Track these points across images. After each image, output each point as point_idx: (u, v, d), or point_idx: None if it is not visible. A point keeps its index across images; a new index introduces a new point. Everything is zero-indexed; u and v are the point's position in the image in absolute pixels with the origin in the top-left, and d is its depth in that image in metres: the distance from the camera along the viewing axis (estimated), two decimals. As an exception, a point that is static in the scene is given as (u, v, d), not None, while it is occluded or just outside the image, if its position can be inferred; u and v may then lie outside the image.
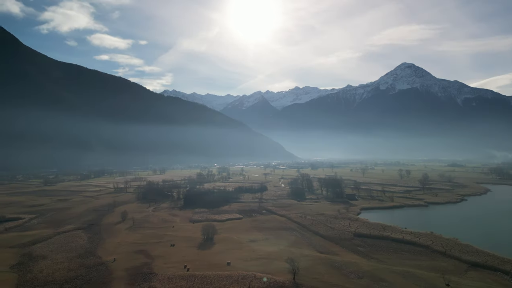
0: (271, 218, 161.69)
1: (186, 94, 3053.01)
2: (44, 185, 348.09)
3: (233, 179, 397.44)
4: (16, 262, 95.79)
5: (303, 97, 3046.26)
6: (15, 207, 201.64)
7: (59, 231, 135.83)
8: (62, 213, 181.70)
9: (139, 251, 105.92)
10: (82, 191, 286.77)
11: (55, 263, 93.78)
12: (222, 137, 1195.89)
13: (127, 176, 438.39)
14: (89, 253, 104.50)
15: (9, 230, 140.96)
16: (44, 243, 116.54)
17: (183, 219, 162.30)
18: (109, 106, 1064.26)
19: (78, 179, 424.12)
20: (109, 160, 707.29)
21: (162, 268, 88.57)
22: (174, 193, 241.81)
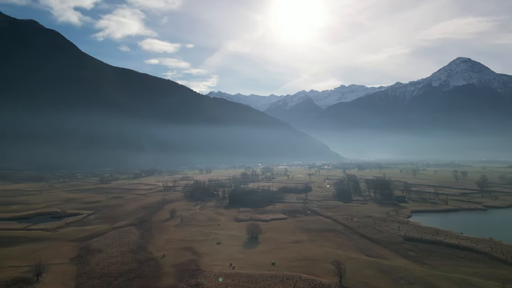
0: (316, 219, 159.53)
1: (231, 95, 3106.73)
2: (100, 183, 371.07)
3: (277, 179, 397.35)
4: (75, 255, 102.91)
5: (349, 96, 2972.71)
6: (75, 203, 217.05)
7: (114, 226, 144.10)
8: (116, 209, 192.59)
9: (187, 248, 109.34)
10: (134, 189, 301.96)
11: (110, 256, 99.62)
12: (266, 137, 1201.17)
13: (175, 175, 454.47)
14: (140, 248, 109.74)
15: (69, 225, 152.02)
16: (100, 238, 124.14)
17: (228, 217, 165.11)
18: (159, 108, 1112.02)
19: (131, 178, 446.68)
20: (159, 160, 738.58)
21: (209, 265, 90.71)
22: (219, 192, 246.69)
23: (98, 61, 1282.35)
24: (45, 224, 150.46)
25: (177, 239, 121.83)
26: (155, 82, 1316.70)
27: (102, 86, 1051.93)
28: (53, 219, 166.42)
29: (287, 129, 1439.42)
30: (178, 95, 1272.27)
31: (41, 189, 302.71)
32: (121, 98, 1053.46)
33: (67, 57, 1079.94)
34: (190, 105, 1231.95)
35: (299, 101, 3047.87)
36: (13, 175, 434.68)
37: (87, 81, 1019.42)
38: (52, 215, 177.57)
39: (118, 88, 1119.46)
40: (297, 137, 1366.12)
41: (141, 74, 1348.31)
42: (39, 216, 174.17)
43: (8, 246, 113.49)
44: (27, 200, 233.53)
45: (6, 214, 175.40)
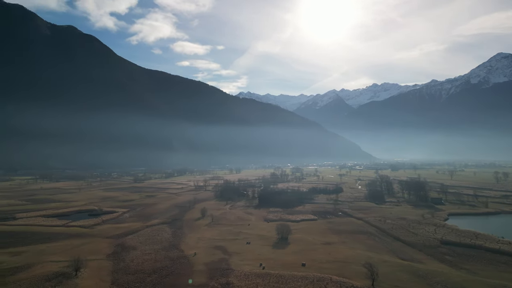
0: (347, 220, 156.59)
1: (260, 96, 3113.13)
2: (134, 182, 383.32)
3: (307, 179, 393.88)
4: (111, 252, 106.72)
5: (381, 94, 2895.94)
6: (111, 202, 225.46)
7: (147, 224, 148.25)
8: (150, 208, 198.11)
9: (217, 247, 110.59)
10: (166, 188, 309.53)
11: (144, 254, 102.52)
12: (295, 137, 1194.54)
13: (206, 175, 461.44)
14: (173, 246, 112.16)
15: (106, 222, 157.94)
16: (134, 235, 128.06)
17: (258, 217, 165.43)
18: (190, 109, 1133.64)
19: (163, 177, 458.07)
20: (190, 160, 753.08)
21: (239, 264, 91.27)
22: (249, 192, 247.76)
23: (132, 64, 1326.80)
24: (84, 221, 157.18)
25: (208, 237, 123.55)
26: (186, 84, 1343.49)
27: (136, 89, 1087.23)
28: (91, 216, 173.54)
29: (317, 129, 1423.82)
30: (209, 96, 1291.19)
31: (80, 188, 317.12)
32: (154, 99, 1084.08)
33: (103, 61, 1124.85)
34: (220, 106, 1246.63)
35: (329, 101, 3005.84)
36: (55, 174, 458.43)
37: (122, 84, 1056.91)
38: (90, 212, 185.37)
39: (151, 90, 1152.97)
40: (327, 137, 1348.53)
41: (173, 76, 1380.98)
42: (78, 214, 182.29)
43: (49, 242, 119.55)
44: (67, 198, 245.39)
45: (47, 211, 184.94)
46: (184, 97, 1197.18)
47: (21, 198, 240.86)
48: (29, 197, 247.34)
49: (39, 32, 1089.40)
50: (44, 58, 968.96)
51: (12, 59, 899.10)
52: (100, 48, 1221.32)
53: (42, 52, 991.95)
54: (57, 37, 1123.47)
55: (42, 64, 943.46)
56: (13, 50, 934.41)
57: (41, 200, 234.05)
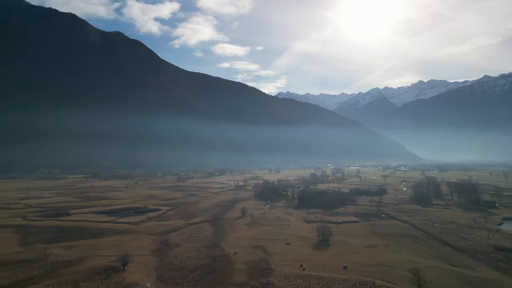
0: (391, 223, 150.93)
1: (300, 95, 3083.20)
2: (177, 181, 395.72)
3: (348, 180, 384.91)
4: (156, 248, 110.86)
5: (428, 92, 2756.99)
6: (155, 200, 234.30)
7: (189, 222, 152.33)
8: (192, 206, 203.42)
9: (257, 246, 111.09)
10: (207, 188, 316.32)
11: (187, 251, 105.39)
12: (336, 137, 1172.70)
13: (246, 175, 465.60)
14: (214, 244, 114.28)
15: (151, 220, 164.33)
16: (177, 233, 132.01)
17: (298, 218, 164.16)
18: (230, 109, 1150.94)
19: (205, 177, 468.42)
20: (230, 160, 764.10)
21: (279, 265, 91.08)
22: (288, 192, 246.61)
23: (175, 67, 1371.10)
24: (130, 218, 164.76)
25: (248, 237, 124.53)
26: (226, 85, 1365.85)
27: (179, 91, 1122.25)
28: (137, 213, 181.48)
29: (359, 129, 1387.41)
30: (248, 97, 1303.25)
31: (127, 186, 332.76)
32: (196, 101, 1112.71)
33: (148, 65, 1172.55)
34: (260, 107, 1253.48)
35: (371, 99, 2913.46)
36: (105, 173, 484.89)
37: (166, 87, 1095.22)
38: (136, 210, 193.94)
39: (193, 92, 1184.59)
40: (369, 137, 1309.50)
41: (214, 78, 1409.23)
42: (125, 211, 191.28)
43: (99, 237, 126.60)
44: (115, 195, 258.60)
45: (98, 208, 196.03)
46: (225, 98, 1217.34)
47: (74, 195, 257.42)
48: (82, 195, 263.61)
49: (90, 39, 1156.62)
50: (94, 64, 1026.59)
51: (65, 66, 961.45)
52: (146, 52, 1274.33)
53: (92, 58, 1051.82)
54: (106, 43, 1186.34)
55: (92, 70, 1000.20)
56: (66, 57, 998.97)
57: (92, 197, 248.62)
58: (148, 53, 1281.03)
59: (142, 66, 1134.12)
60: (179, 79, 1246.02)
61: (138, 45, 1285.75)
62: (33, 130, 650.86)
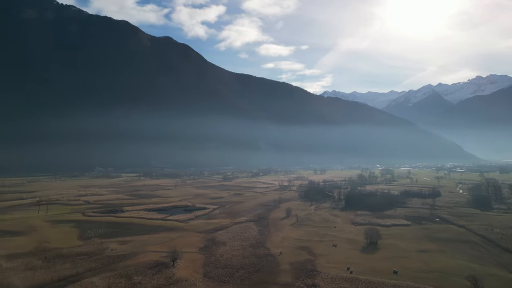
0: (445, 227, 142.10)
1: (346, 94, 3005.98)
2: (223, 180, 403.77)
3: (398, 182, 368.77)
4: (203, 245, 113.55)
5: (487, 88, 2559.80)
6: (202, 198, 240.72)
7: (235, 221, 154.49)
8: (237, 205, 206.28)
9: (303, 247, 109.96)
10: (252, 187, 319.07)
11: (233, 249, 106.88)
12: (385, 136, 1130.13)
13: (290, 175, 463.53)
14: (259, 244, 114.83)
15: (198, 218, 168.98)
16: (224, 231, 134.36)
17: (345, 220, 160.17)
18: (274, 109, 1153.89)
19: (249, 176, 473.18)
20: (274, 159, 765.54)
21: (325, 267, 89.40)
22: (334, 193, 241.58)
23: (221, 69, 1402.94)
24: (179, 216, 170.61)
25: (293, 237, 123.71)
26: (271, 85, 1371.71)
27: (224, 92, 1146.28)
28: (185, 211, 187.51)
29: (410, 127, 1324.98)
30: (293, 97, 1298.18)
31: (176, 185, 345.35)
32: (240, 101, 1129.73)
33: (195, 68, 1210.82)
34: (304, 106, 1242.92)
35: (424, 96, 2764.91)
36: (155, 172, 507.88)
37: (212, 88, 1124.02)
38: (184, 208, 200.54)
39: (238, 93, 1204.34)
40: (422, 136, 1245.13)
41: (258, 78, 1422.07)
42: (174, 209, 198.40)
43: (150, 233, 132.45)
44: (165, 194, 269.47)
45: (149, 205, 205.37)
46: (269, 98, 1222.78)
47: (127, 193, 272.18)
48: (134, 192, 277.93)
49: (141, 44, 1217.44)
50: (145, 68, 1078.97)
51: (119, 70, 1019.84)
52: (193, 55, 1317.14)
53: (143, 62, 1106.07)
54: (156, 47, 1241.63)
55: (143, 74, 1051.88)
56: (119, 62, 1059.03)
57: (143, 195, 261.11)
58: (195, 56, 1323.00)
59: (189, 69, 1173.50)
60: (225, 80, 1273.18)
61: (186, 48, 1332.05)
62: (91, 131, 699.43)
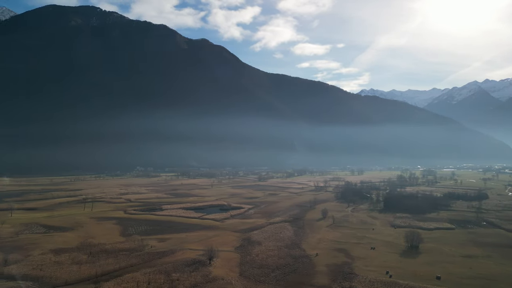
0: (493, 232, 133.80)
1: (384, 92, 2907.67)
2: (258, 180, 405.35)
3: (441, 183, 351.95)
4: (239, 245, 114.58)
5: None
6: (237, 198, 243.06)
7: (270, 221, 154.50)
8: (272, 206, 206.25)
9: (339, 249, 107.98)
10: (287, 188, 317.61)
11: (268, 249, 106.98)
12: (426, 136, 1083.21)
13: (326, 176, 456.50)
14: (294, 244, 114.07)
15: (234, 217, 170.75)
16: (259, 231, 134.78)
17: (383, 222, 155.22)
18: (310, 109, 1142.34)
19: (284, 177, 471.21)
20: (309, 160, 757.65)
21: (363, 270, 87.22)
22: (373, 195, 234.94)
23: (256, 69, 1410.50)
24: (215, 215, 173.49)
25: (329, 239, 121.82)
26: (306, 85, 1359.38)
27: (259, 92, 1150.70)
28: (221, 211, 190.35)
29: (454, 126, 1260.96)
30: (329, 96, 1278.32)
31: (212, 184, 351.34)
32: (275, 101, 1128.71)
33: (230, 69, 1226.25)
34: (341, 105, 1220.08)
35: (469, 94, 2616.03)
36: (192, 172, 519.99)
37: (247, 89, 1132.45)
38: (220, 207, 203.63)
39: (272, 93, 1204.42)
40: (466, 136, 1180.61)
41: (293, 78, 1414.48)
42: (210, 208, 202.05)
43: (188, 232, 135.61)
44: (202, 193, 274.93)
45: (186, 204, 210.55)
46: (305, 98, 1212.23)
47: (166, 192, 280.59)
48: (172, 191, 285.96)
49: (178, 47, 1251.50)
50: (182, 70, 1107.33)
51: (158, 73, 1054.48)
52: (228, 57, 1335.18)
53: (181, 64, 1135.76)
54: (192, 50, 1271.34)
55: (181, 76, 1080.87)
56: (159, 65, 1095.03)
57: (181, 194, 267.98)
58: (231, 58, 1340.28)
59: (225, 70, 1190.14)
60: (260, 81, 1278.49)
61: (221, 50, 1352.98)
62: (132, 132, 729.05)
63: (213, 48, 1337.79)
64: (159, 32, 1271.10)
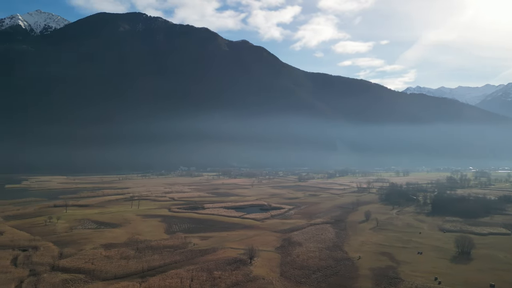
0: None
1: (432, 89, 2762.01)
2: (298, 181, 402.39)
3: (496, 185, 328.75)
4: (279, 245, 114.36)
5: None
6: (278, 198, 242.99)
7: (311, 222, 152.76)
8: (313, 207, 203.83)
9: (384, 253, 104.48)
10: (328, 188, 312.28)
11: (309, 251, 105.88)
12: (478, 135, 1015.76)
13: (369, 177, 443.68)
14: (336, 246, 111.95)
15: (274, 217, 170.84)
16: (299, 232, 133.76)
17: (431, 226, 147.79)
18: (352, 108, 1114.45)
19: (325, 177, 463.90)
20: (351, 160, 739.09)
21: (409, 275, 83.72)
22: (419, 197, 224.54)
23: (296, 69, 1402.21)
24: (255, 214, 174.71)
25: (372, 242, 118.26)
26: (348, 83, 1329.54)
27: (299, 92, 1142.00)
28: (261, 210, 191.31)
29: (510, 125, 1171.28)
30: (371, 94, 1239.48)
31: (252, 184, 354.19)
32: (316, 101, 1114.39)
33: (270, 69, 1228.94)
34: (385, 104, 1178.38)
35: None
36: (233, 171, 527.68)
37: (287, 89, 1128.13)
38: (260, 207, 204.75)
39: (313, 93, 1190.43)
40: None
41: (334, 77, 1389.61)
42: (250, 207, 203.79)
43: (229, 231, 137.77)
44: (242, 192, 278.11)
45: (227, 203, 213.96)
46: (346, 97, 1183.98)
47: (208, 191, 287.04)
48: (214, 191, 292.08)
49: (219, 49, 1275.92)
50: (223, 71, 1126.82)
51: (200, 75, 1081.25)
52: (268, 57, 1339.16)
53: (222, 66, 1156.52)
54: (233, 51, 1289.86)
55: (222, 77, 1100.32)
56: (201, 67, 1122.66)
57: (222, 193, 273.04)
58: (271, 58, 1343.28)
59: (265, 71, 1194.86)
60: (300, 80, 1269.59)
61: (261, 51, 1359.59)
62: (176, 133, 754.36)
63: (253, 49, 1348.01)
64: (201, 35, 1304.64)
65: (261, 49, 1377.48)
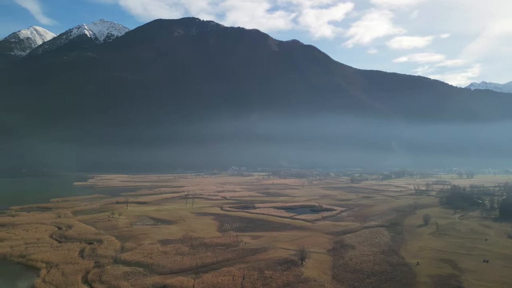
0: None
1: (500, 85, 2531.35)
2: (350, 182, 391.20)
3: None
4: (331, 247, 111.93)
5: None
6: (329, 199, 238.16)
7: (364, 225, 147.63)
8: (366, 209, 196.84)
9: (445, 259, 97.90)
10: (383, 190, 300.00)
11: (362, 254, 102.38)
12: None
13: (428, 178, 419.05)
14: (392, 251, 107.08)
15: (325, 219, 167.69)
16: (352, 234, 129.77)
17: (499, 232, 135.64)
18: (408, 106, 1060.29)
19: (380, 179, 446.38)
20: (408, 161, 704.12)
21: (473, 284, 77.76)
22: (485, 201, 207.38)
23: (348, 66, 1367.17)
24: (306, 215, 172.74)
25: (432, 248, 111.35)
26: (403, 80, 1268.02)
27: (352, 90, 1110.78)
28: (312, 212, 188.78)
29: None
30: (430, 91, 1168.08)
31: (302, 185, 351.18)
32: (369, 99, 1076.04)
33: (321, 68, 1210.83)
34: (445, 101, 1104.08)
35: None
36: (283, 171, 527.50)
37: (339, 87, 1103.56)
38: (311, 208, 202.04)
39: (366, 91, 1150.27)
40: None
41: (388, 74, 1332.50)
42: (301, 208, 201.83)
43: (279, 231, 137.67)
44: (292, 193, 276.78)
45: (277, 203, 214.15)
46: (402, 94, 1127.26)
47: (258, 191, 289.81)
48: (264, 190, 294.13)
49: (270, 50, 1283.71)
50: (274, 72, 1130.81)
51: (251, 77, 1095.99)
52: (319, 56, 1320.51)
53: (272, 66, 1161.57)
54: (283, 51, 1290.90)
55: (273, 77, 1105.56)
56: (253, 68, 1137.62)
57: (272, 193, 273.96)
58: (322, 56, 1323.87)
59: (316, 70, 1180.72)
60: (353, 78, 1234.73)
61: (312, 49, 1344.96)
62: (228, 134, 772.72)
63: (303, 49, 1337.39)
64: (252, 36, 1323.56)
65: (312, 48, 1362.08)
